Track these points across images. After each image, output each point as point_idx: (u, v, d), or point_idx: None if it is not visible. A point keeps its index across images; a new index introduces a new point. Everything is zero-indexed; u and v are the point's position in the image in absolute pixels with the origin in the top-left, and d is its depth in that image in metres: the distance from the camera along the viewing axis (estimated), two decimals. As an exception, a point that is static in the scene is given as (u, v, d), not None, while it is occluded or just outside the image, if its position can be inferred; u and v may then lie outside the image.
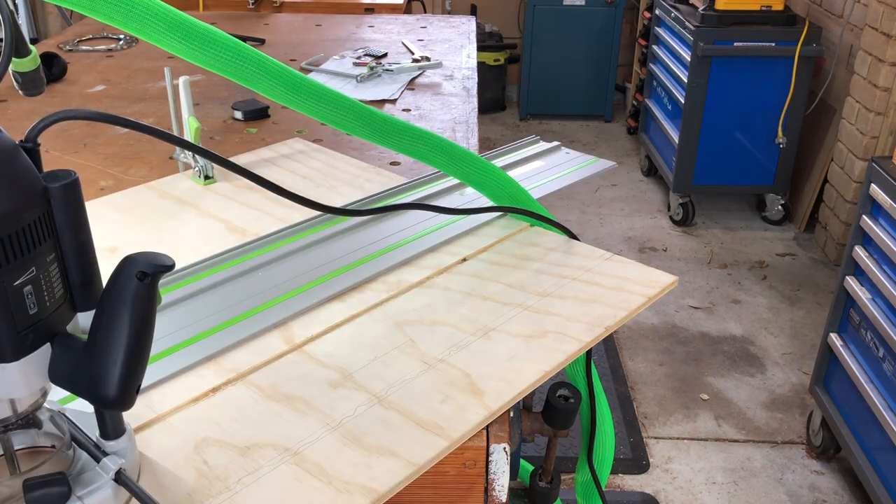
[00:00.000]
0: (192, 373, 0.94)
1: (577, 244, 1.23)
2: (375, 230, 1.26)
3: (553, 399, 1.07)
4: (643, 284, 1.12)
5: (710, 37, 3.38)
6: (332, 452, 0.82)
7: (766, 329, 3.00)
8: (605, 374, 2.72)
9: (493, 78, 4.92)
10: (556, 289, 1.10)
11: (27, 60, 1.27)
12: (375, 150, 1.60)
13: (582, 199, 3.96)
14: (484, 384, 0.92)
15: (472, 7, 4.95)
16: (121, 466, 0.72)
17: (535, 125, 4.93)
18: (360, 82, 2.03)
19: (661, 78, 3.91)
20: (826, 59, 3.57)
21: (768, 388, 2.69)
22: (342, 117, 1.04)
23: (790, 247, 3.58)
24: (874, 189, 2.02)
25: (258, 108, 1.79)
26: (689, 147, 3.61)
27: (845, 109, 3.31)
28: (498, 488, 0.90)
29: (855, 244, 2.12)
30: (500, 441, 0.88)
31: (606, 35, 4.78)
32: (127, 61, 2.21)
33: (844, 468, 2.35)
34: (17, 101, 1.76)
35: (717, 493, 2.28)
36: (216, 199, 1.35)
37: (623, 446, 2.42)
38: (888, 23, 3.01)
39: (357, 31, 2.55)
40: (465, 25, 2.65)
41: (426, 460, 0.81)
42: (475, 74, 2.13)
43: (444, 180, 1.40)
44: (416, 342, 0.99)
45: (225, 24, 2.51)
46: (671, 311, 3.09)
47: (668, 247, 3.57)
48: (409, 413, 0.87)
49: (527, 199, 1.25)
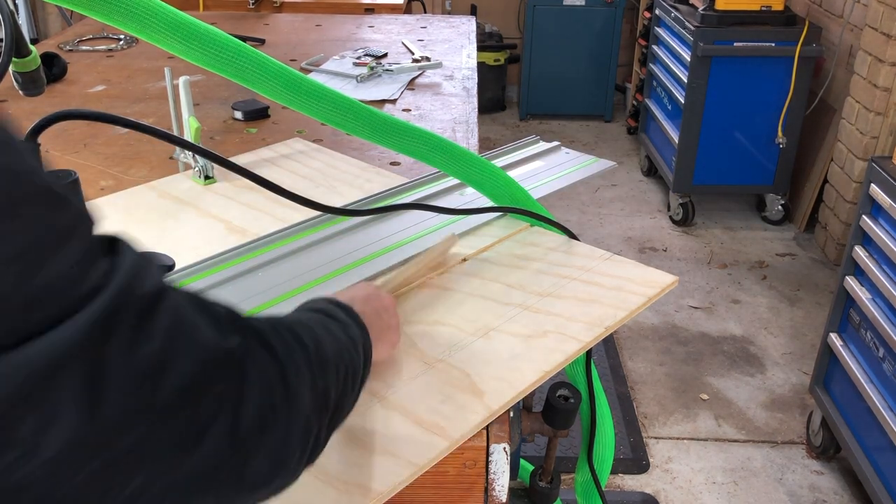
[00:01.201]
0: (192, 373, 0.94)
1: (577, 244, 1.23)
2: (375, 230, 1.26)
3: (553, 399, 1.07)
4: (643, 284, 1.12)
5: (710, 37, 3.38)
6: (332, 452, 0.82)
7: (766, 329, 3.00)
8: (605, 374, 2.72)
9: (493, 78, 4.92)
10: (556, 289, 1.10)
11: (27, 60, 1.27)
12: (375, 150, 1.60)
13: (582, 199, 3.96)
14: (484, 384, 0.92)
15: (472, 7, 4.95)
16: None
17: (535, 125, 4.93)
18: (360, 82, 2.03)
19: (661, 78, 3.91)
20: (826, 59, 3.57)
21: (768, 388, 2.69)
22: (342, 117, 1.04)
23: (790, 247, 3.58)
24: (874, 189, 2.02)
25: (258, 108, 1.79)
26: (688, 147, 3.61)
27: (845, 109, 3.31)
28: (498, 488, 0.90)
29: (855, 244, 2.12)
30: (500, 441, 0.88)
31: (606, 35, 4.78)
32: (127, 61, 2.22)
33: (844, 468, 2.35)
34: (17, 101, 1.76)
35: (717, 493, 2.28)
36: (216, 199, 1.35)
37: (623, 446, 2.42)
38: (888, 23, 3.01)
39: (357, 32, 2.55)
40: (465, 25, 2.65)
41: (426, 460, 0.81)
42: (475, 74, 2.13)
43: (444, 180, 1.40)
44: (416, 342, 0.99)
45: (225, 24, 2.51)
46: (671, 311, 3.09)
47: (668, 247, 3.57)
48: (409, 413, 0.87)
49: (527, 199, 1.25)
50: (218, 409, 0.48)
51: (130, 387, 0.44)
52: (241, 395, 0.50)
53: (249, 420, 0.50)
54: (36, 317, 0.41)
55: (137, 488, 0.45)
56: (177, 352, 0.46)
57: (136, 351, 0.44)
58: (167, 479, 0.46)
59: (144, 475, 0.45)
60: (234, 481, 0.50)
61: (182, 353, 0.47)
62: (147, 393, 0.44)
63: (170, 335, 0.46)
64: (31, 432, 0.41)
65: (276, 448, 0.53)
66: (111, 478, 0.44)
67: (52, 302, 0.42)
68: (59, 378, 0.41)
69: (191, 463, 0.47)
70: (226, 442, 0.49)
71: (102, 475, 0.44)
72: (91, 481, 0.43)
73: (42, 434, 0.41)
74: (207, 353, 0.49)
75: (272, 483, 0.55)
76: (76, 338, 0.42)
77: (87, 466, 0.43)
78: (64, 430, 0.41)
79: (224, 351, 0.50)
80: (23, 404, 0.40)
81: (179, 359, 0.46)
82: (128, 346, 0.44)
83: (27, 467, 0.41)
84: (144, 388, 0.44)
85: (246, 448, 0.50)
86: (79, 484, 0.43)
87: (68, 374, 0.42)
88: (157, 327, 0.46)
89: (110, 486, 0.44)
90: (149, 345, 0.45)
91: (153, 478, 0.46)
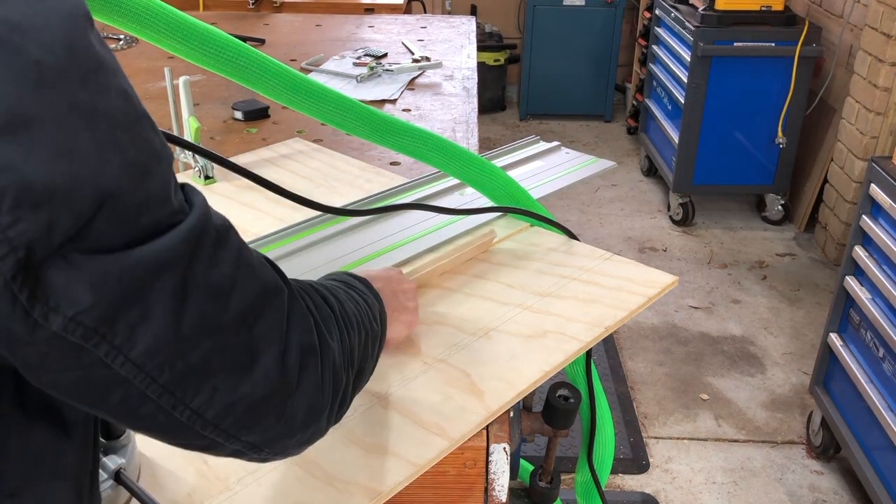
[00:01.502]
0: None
1: (577, 244, 1.23)
2: (375, 230, 1.26)
3: (553, 399, 1.07)
4: (643, 284, 1.12)
5: (710, 37, 3.38)
6: (332, 452, 0.82)
7: (766, 329, 3.00)
8: (605, 374, 2.72)
9: (493, 78, 4.92)
10: (556, 289, 1.10)
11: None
12: (375, 150, 1.60)
13: (582, 199, 3.96)
14: (484, 384, 0.92)
15: (472, 7, 4.95)
16: (121, 466, 0.72)
17: (535, 125, 4.93)
18: (360, 82, 2.03)
19: (661, 78, 3.91)
20: (826, 59, 3.57)
21: (768, 388, 2.69)
22: (342, 117, 1.05)
23: (790, 247, 3.58)
24: (874, 189, 2.02)
25: (258, 108, 1.79)
26: (688, 147, 3.61)
27: (845, 109, 3.31)
28: (498, 488, 0.90)
29: (855, 244, 2.12)
30: (500, 441, 0.88)
31: (606, 35, 4.78)
32: (127, 61, 2.21)
33: (844, 468, 2.35)
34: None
35: (717, 493, 2.28)
36: (216, 199, 1.35)
37: (623, 446, 2.42)
38: (888, 23, 3.01)
39: (357, 32, 2.55)
40: (465, 25, 2.65)
41: (426, 460, 0.81)
42: (475, 74, 2.13)
43: (444, 180, 1.40)
44: (416, 342, 0.99)
45: (225, 24, 2.51)
46: (671, 311, 3.09)
47: (668, 247, 3.57)
48: (409, 413, 0.87)
49: (527, 199, 1.25)
50: (269, 338, 0.55)
51: (206, 303, 0.50)
52: (286, 331, 0.57)
53: (292, 356, 0.57)
54: (143, 222, 0.47)
55: (201, 404, 0.52)
56: (242, 279, 0.53)
57: (213, 272, 0.51)
58: (225, 400, 0.53)
59: (207, 392, 0.51)
60: (277, 417, 0.56)
61: (245, 282, 0.53)
62: (218, 310, 0.51)
63: (237, 264, 0.53)
64: (125, 330, 0.47)
65: (313, 392, 0.59)
66: (181, 390, 0.50)
67: (154, 212, 0.48)
68: (158, 284, 0.47)
69: (246, 386, 0.53)
70: (274, 371, 0.55)
71: (174, 386, 0.50)
72: (164, 393, 0.50)
73: (133, 334, 0.47)
74: (264, 286, 0.56)
75: (307, 428, 0.60)
76: (177, 247, 0.48)
77: (162, 377, 0.49)
78: (150, 334, 0.47)
79: (276, 288, 0.57)
80: (124, 304, 0.46)
81: (243, 286, 0.53)
82: (208, 265, 0.51)
83: (116, 362, 0.47)
84: (216, 305, 0.51)
85: (290, 381, 0.56)
86: (157, 389, 0.49)
87: (165, 281, 0.48)
88: (227, 255, 0.53)
89: (181, 399, 0.51)
90: (221, 268, 0.52)
91: (214, 396, 0.52)
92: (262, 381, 0.54)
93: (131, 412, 0.50)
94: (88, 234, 0.44)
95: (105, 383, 0.48)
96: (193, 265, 0.49)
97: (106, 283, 0.45)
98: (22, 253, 0.42)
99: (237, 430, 0.55)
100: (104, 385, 0.48)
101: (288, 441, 0.59)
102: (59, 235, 0.43)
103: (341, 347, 0.64)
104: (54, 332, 0.45)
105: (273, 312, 0.56)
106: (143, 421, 0.51)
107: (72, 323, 0.45)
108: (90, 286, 0.45)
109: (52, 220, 0.43)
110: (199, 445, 0.55)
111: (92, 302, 0.45)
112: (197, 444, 0.55)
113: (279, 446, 0.59)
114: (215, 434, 0.54)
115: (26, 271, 0.43)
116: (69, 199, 0.43)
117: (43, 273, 0.43)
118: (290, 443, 0.60)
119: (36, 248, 0.43)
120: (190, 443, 0.55)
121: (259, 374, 0.54)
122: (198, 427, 0.53)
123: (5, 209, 0.41)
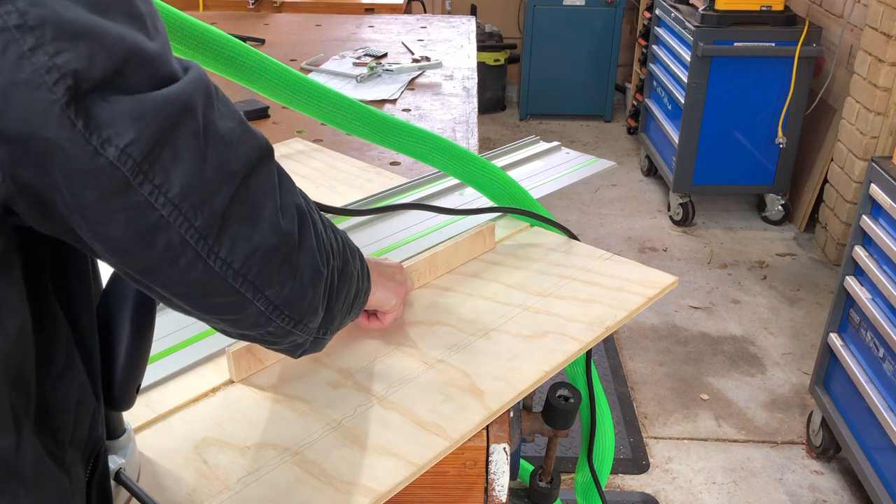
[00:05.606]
0: (192, 373, 0.94)
1: (577, 244, 1.23)
2: (375, 230, 1.26)
3: (553, 399, 1.07)
4: (643, 285, 1.11)
5: (710, 37, 3.38)
6: (332, 452, 0.82)
7: (766, 329, 3.00)
8: (605, 374, 2.72)
9: (493, 78, 4.92)
10: (556, 289, 1.10)
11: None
12: (375, 150, 1.60)
13: (582, 199, 3.96)
14: (484, 384, 0.92)
15: (472, 7, 4.95)
16: (120, 466, 0.72)
17: (535, 125, 4.93)
18: (360, 82, 2.03)
19: (661, 78, 3.91)
20: (826, 59, 3.57)
21: (768, 388, 2.69)
22: (342, 117, 1.05)
23: (790, 247, 3.58)
24: (874, 189, 2.02)
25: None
26: (688, 147, 3.61)
27: (845, 109, 3.31)
28: (498, 488, 0.90)
29: (855, 244, 2.12)
30: (500, 441, 0.88)
31: (606, 35, 4.78)
32: (127, 61, 2.21)
33: (844, 468, 2.34)
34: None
35: (717, 493, 2.28)
36: (216, 199, 1.35)
37: (623, 446, 2.42)
38: (888, 23, 3.01)
39: (357, 31, 2.55)
40: (465, 25, 2.65)
41: (426, 460, 0.81)
42: (475, 74, 2.13)
43: (444, 180, 1.40)
44: (416, 342, 0.99)
45: (225, 24, 2.51)
46: (671, 311, 3.09)
47: (668, 247, 3.57)
48: (409, 413, 0.87)
49: (527, 199, 1.25)
50: (264, 191, 0.61)
51: (222, 149, 0.56)
52: (278, 187, 0.63)
53: (288, 211, 0.64)
54: (163, 70, 0.53)
55: (228, 253, 0.58)
56: (243, 133, 0.59)
57: (223, 123, 0.57)
58: (245, 249, 0.59)
59: (229, 241, 0.58)
60: (289, 271, 0.64)
61: (244, 137, 0.59)
62: (230, 157, 0.57)
63: (240, 119, 0.60)
64: (161, 172, 0.52)
65: (311, 254, 0.66)
66: (213, 236, 0.57)
67: (168, 64, 0.54)
68: (182, 126, 0.53)
69: (258, 236, 0.60)
70: (278, 222, 0.62)
71: (206, 230, 0.56)
72: (199, 239, 0.56)
73: (168, 175, 0.53)
74: (259, 143, 0.61)
75: (314, 289, 0.68)
76: (193, 90, 0.54)
77: (196, 220, 0.55)
78: (182, 175, 0.53)
79: (268, 147, 0.63)
80: (160, 140, 0.52)
81: (244, 140, 0.59)
82: (218, 115, 0.57)
83: (158, 202, 0.53)
84: (229, 153, 0.57)
85: (292, 233, 0.64)
86: (194, 233, 0.55)
87: (188, 123, 0.53)
88: (230, 111, 0.59)
89: (213, 247, 0.57)
90: (227, 122, 0.58)
91: (235, 245, 0.58)
92: (270, 231, 0.61)
93: (173, 260, 0.55)
94: (121, 78, 0.50)
95: (151, 228, 0.53)
96: (208, 112, 0.56)
97: (143, 118, 0.51)
98: (70, 81, 0.47)
99: (260, 281, 0.61)
100: (150, 230, 0.53)
101: (302, 302, 0.66)
102: (99, 71, 0.49)
103: (317, 238, 0.69)
104: (111, 161, 0.50)
105: (266, 168, 0.62)
106: (183, 274, 0.57)
107: (123, 154, 0.50)
108: (131, 120, 0.50)
109: (91, 53, 0.48)
110: (230, 305, 0.61)
111: (135, 135, 0.50)
112: (228, 304, 0.61)
113: (297, 309, 0.66)
114: (245, 286, 0.60)
115: (77, 101, 0.48)
116: (102, 40, 0.49)
117: (89, 107, 0.49)
118: (305, 305, 0.67)
119: (81, 79, 0.48)
120: (225, 300, 0.60)
121: (265, 224, 0.61)
122: (230, 277, 0.59)
123: (49, 38, 0.47)
